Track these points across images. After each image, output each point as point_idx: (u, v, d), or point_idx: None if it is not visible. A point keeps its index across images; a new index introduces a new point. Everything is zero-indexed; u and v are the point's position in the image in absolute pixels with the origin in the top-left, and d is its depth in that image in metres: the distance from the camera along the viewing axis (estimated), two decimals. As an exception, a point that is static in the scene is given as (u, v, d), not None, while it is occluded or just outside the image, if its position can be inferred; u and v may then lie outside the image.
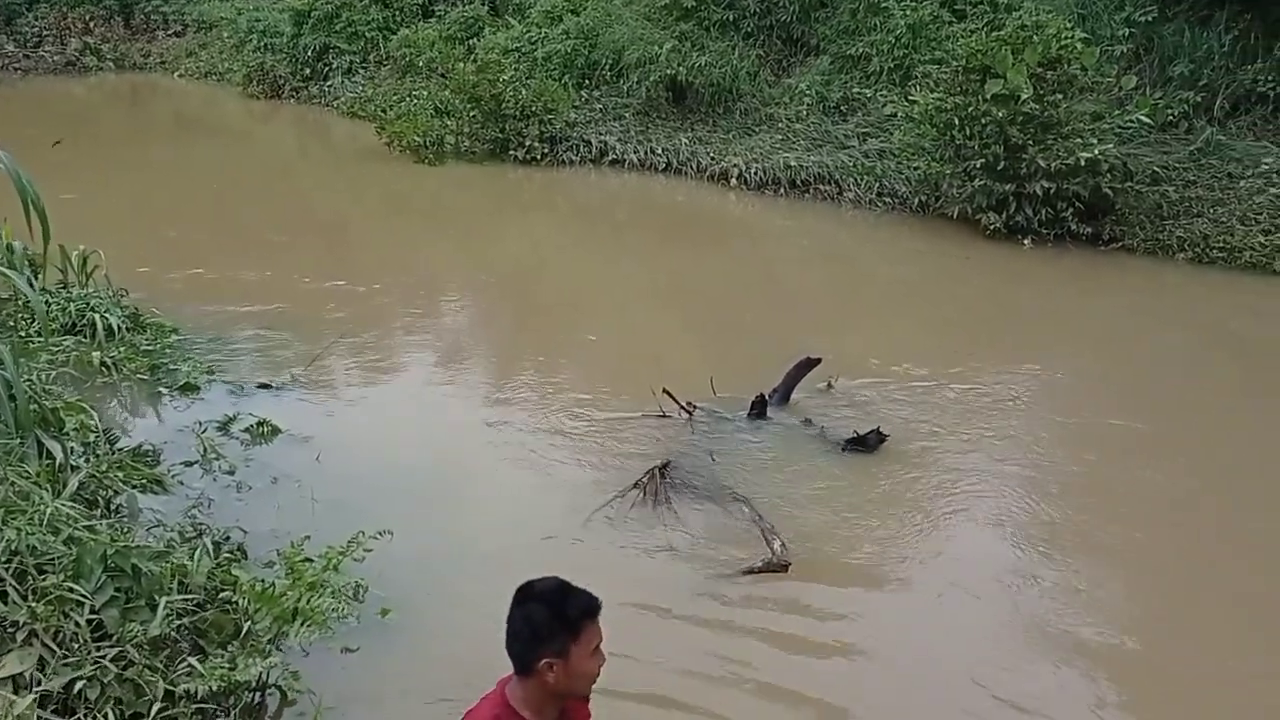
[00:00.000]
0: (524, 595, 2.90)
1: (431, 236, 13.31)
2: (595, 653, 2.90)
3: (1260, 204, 11.87)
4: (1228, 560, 5.95)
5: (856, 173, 14.41)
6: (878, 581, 5.62)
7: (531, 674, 2.83)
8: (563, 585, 2.94)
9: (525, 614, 2.87)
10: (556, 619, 2.84)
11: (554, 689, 2.84)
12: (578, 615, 2.87)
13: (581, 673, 2.86)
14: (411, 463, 6.81)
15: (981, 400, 8.04)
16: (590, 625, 2.88)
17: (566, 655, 2.82)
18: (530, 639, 2.84)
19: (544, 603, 2.87)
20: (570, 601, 2.89)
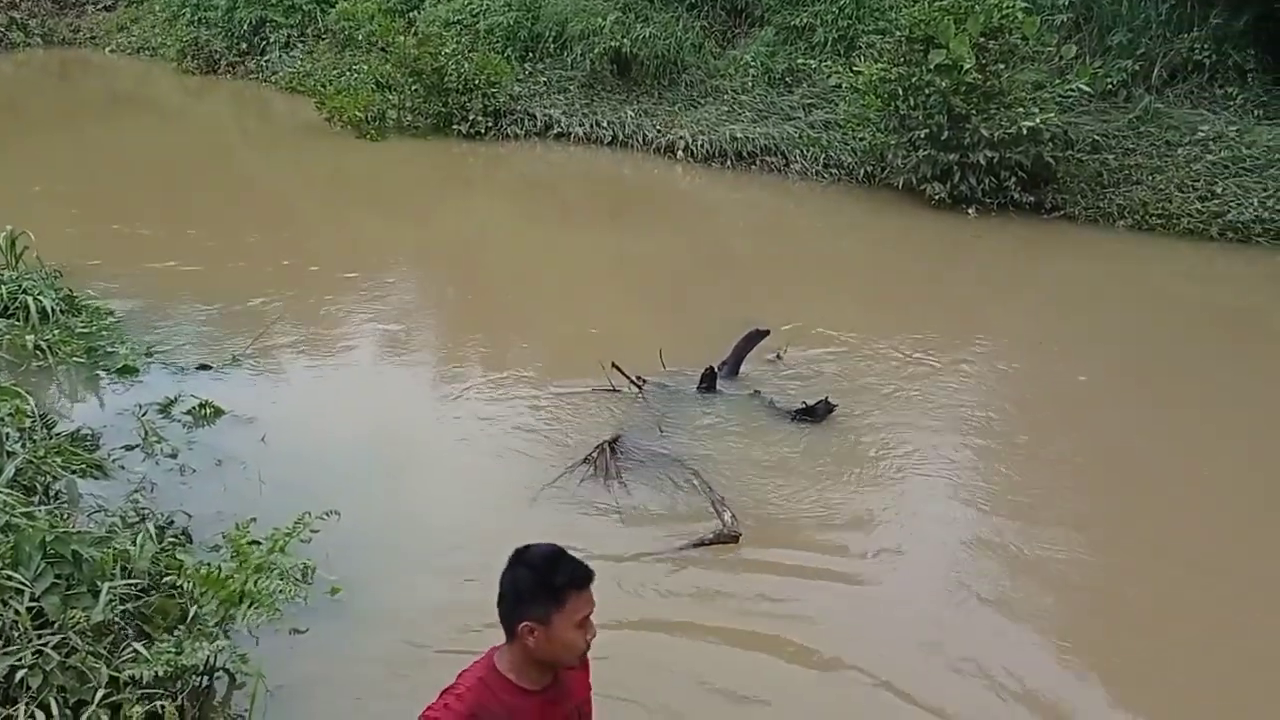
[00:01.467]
0: (516, 559, 2.88)
1: (375, 213, 13.13)
2: (583, 624, 2.85)
3: (1197, 171, 12.07)
4: (1172, 516, 6.08)
5: (803, 144, 14.43)
6: (828, 550, 5.66)
7: (514, 637, 2.82)
8: (555, 552, 2.89)
9: (513, 577, 2.85)
10: (541, 585, 2.81)
11: (535, 655, 2.82)
12: (563, 583, 2.82)
13: (564, 642, 2.83)
14: (359, 441, 6.74)
15: (928, 368, 8.11)
16: (576, 595, 2.83)
17: (548, 623, 2.79)
18: (514, 603, 2.82)
19: (531, 568, 2.84)
20: (559, 569, 2.85)
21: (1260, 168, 11.84)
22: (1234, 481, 6.58)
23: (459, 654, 4.61)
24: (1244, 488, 6.50)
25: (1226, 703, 4.66)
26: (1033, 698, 4.57)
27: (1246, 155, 11.98)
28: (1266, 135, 12.12)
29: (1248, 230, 11.45)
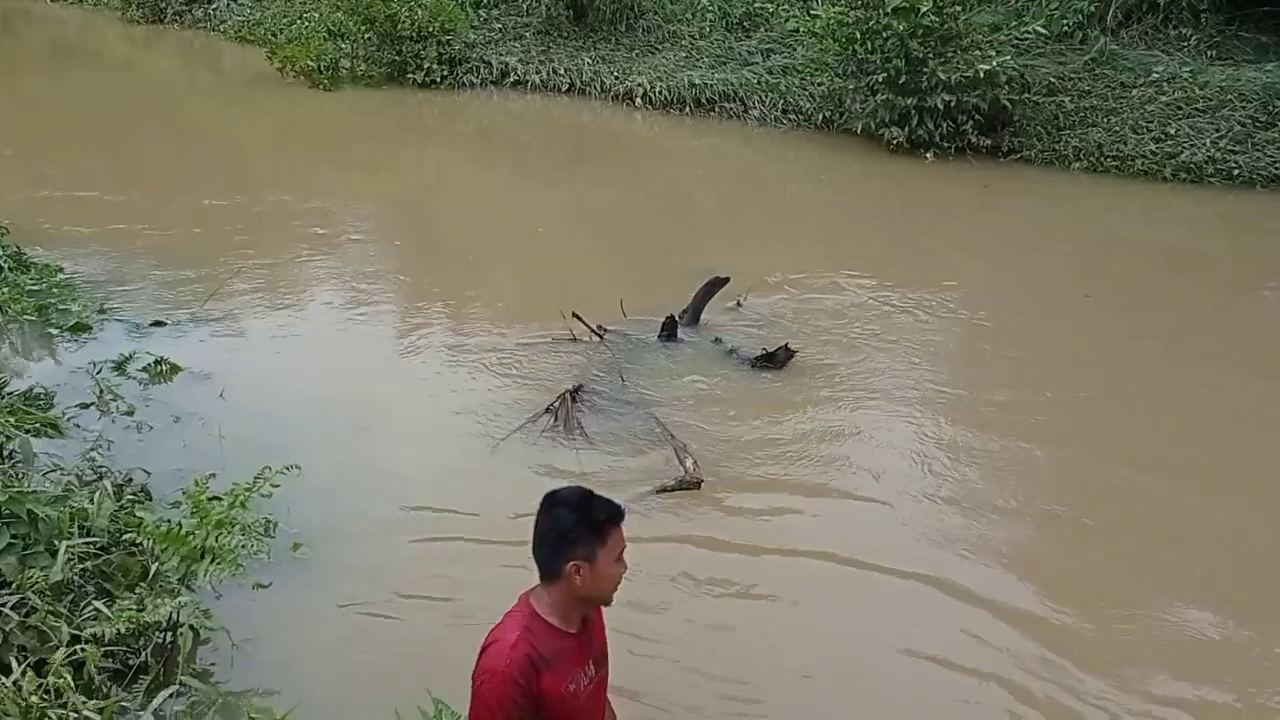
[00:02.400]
0: (550, 502, 2.93)
1: (331, 164, 12.95)
2: (619, 559, 2.93)
3: (1151, 112, 12.16)
4: (1125, 460, 6.17)
5: (761, 90, 14.36)
6: (789, 493, 5.72)
7: (559, 578, 2.86)
8: (587, 492, 2.98)
9: (553, 519, 2.89)
10: (583, 523, 2.87)
11: (580, 593, 2.88)
12: (604, 519, 2.90)
13: (607, 577, 2.90)
14: (319, 395, 6.69)
15: (887, 312, 8.17)
16: (615, 530, 2.91)
17: (594, 559, 2.85)
18: (558, 543, 2.87)
19: (570, 508, 2.90)
20: (596, 506, 2.92)
21: (1213, 108, 11.94)
22: (1181, 404, 6.81)
23: (423, 601, 4.69)
24: (1191, 409, 6.78)
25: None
26: (1005, 619, 4.67)
27: (1199, 96, 12.07)
28: (1219, 76, 12.22)
29: (1200, 171, 11.58)
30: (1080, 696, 4.23)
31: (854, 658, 4.48)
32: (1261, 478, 6.02)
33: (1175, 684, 4.37)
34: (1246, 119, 11.76)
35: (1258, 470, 6.10)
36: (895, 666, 4.42)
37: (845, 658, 4.47)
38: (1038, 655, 4.47)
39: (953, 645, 4.52)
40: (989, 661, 4.42)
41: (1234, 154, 11.56)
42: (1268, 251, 10.42)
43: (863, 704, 4.24)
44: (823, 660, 4.43)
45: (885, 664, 4.43)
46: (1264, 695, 4.31)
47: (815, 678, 4.33)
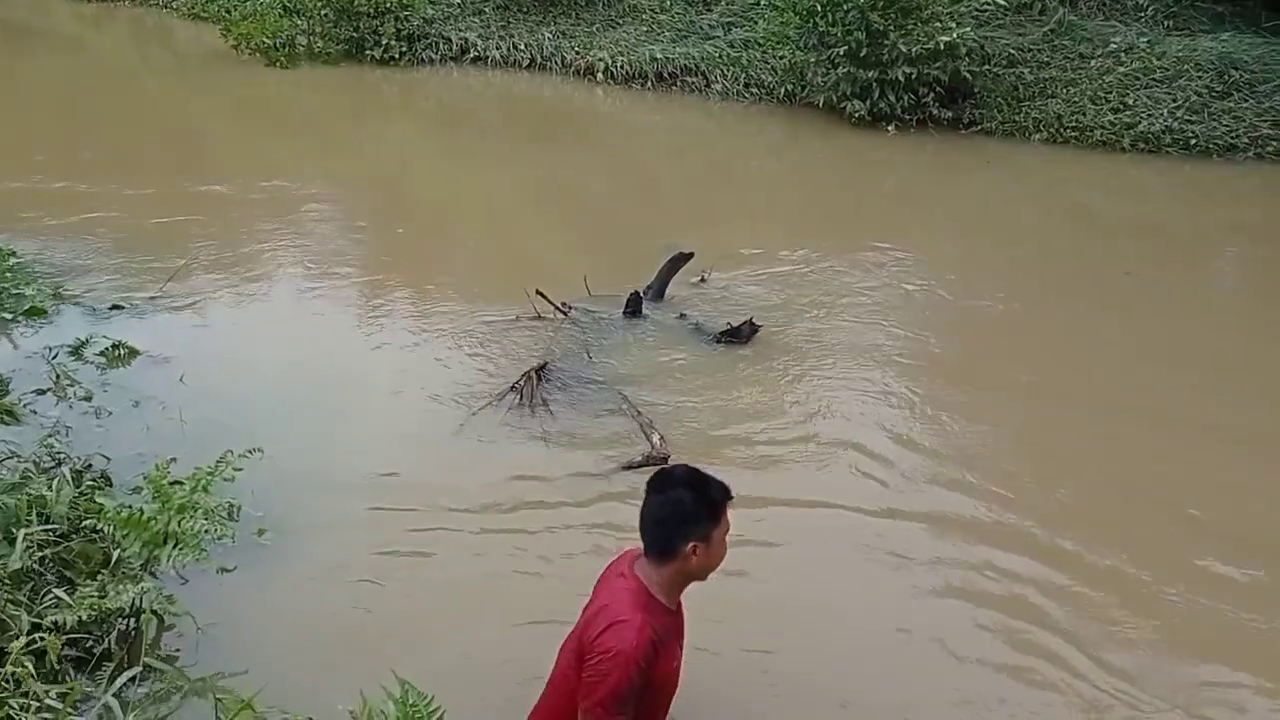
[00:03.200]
0: (664, 482, 2.99)
1: (290, 144, 12.79)
2: (727, 534, 3.00)
3: (1109, 83, 12.25)
4: (1088, 424, 6.25)
5: (723, 64, 14.33)
6: (755, 468, 5.73)
7: (675, 558, 2.92)
8: (699, 472, 3.03)
9: (672, 499, 2.95)
10: (702, 503, 2.93)
11: (693, 571, 2.95)
12: (720, 498, 2.96)
13: (719, 555, 2.97)
14: (282, 377, 6.63)
15: (851, 285, 8.20)
16: (727, 508, 2.99)
17: (709, 539, 2.92)
18: (679, 524, 2.92)
19: (689, 487, 2.95)
20: (710, 484, 2.98)
21: (1170, 79, 12.05)
22: (1139, 382, 6.84)
23: (389, 583, 4.67)
24: (1151, 361, 7.02)
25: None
26: (970, 579, 4.73)
27: (1156, 66, 12.18)
28: (1176, 46, 12.33)
29: (1158, 141, 11.70)
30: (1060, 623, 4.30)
31: (825, 629, 4.50)
32: (1224, 421, 6.23)
33: (1153, 611, 4.50)
34: (1203, 89, 11.88)
35: (1221, 414, 6.31)
36: (879, 637, 4.46)
37: (814, 628, 4.49)
38: (1029, 588, 4.56)
39: (942, 605, 4.58)
40: (987, 615, 4.49)
41: (1191, 124, 11.69)
42: (1223, 220, 10.58)
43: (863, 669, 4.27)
44: (792, 632, 4.45)
45: (864, 636, 4.47)
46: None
47: (780, 652, 4.35)
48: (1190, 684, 4.16)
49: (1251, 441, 6.00)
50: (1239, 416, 6.28)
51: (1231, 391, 6.63)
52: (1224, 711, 4.03)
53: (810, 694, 4.07)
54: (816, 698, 4.05)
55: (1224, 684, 4.19)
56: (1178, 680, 4.18)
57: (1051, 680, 4.17)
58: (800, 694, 4.07)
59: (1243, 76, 11.91)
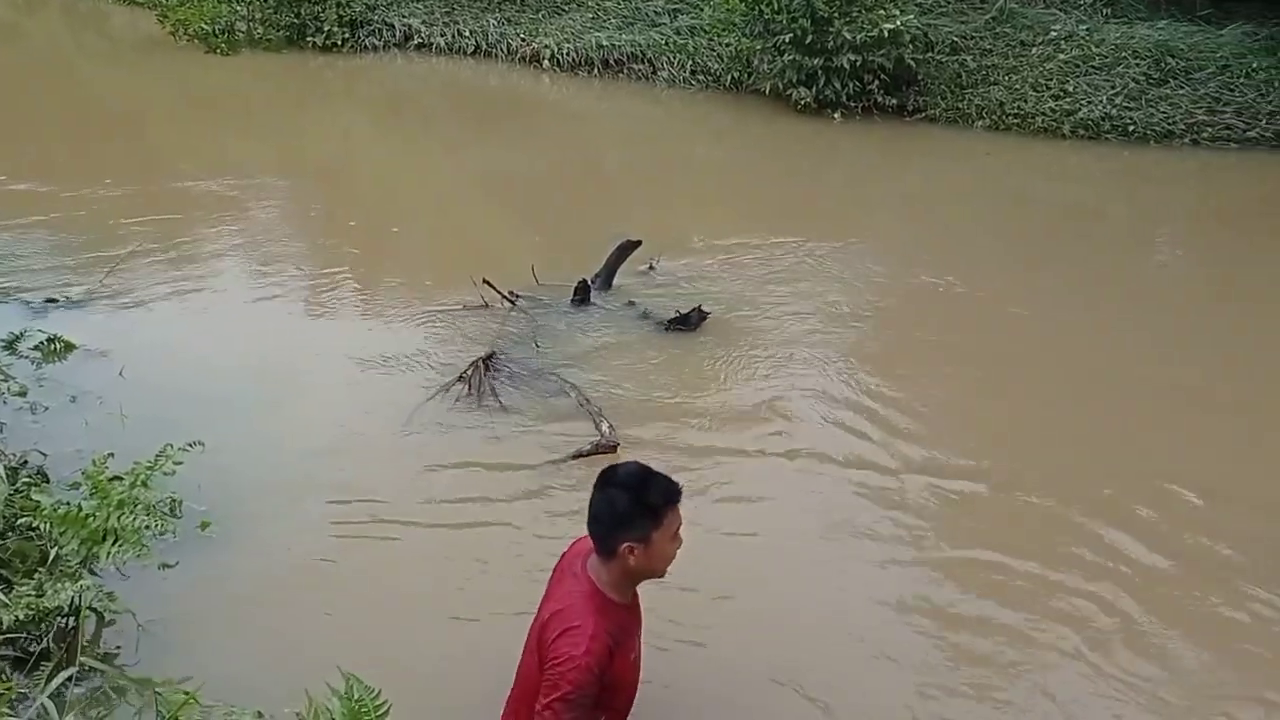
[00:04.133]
0: (605, 480, 2.98)
1: (231, 132, 12.56)
2: (675, 537, 2.98)
3: (1050, 70, 12.41)
4: (1046, 401, 6.36)
5: (669, 51, 14.31)
6: (705, 455, 5.73)
7: (614, 557, 2.91)
8: (645, 471, 3.00)
9: (608, 499, 2.94)
10: (637, 505, 2.90)
11: (634, 571, 2.94)
12: (660, 502, 2.93)
13: (661, 555, 2.96)
14: (224, 369, 6.52)
15: (798, 272, 8.24)
16: (671, 511, 2.95)
17: (648, 541, 2.89)
18: (613, 524, 2.91)
19: (626, 489, 2.93)
20: (651, 487, 2.95)
21: (1108, 65, 12.24)
22: (1082, 351, 7.05)
23: (335, 576, 4.63)
24: (1089, 354, 7.04)
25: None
26: (932, 569, 4.78)
27: (1095, 54, 12.36)
28: (1114, 34, 12.52)
29: (1098, 127, 11.88)
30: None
31: (768, 613, 4.53)
32: (1175, 382, 6.61)
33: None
34: (1140, 75, 12.08)
35: (1170, 376, 6.70)
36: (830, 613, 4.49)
37: (756, 613, 4.52)
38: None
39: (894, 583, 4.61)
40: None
41: (1129, 110, 11.88)
42: (1160, 204, 10.80)
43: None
44: (733, 615, 4.47)
45: (816, 628, 4.50)
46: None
47: (717, 644, 4.37)
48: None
49: (1209, 402, 6.36)
50: (1189, 378, 6.64)
51: (1178, 358, 7.01)
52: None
53: (754, 678, 4.09)
54: (755, 680, 4.07)
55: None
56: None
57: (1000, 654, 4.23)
58: (748, 679, 4.09)
59: (1178, 64, 12.13)
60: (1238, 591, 4.63)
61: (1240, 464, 5.70)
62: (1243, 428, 6.12)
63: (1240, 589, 4.65)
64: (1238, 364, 6.98)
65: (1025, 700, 4.01)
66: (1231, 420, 6.19)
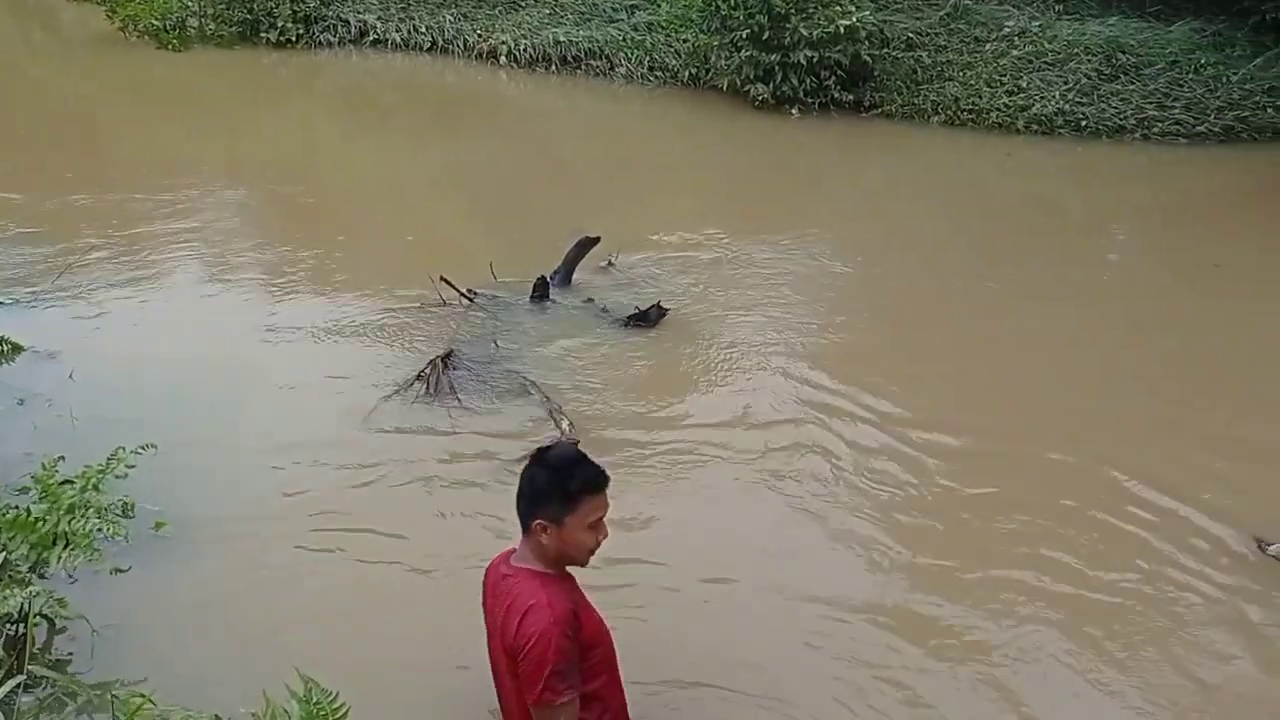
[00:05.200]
0: (535, 459, 3.04)
1: (184, 130, 12.39)
2: (595, 526, 2.99)
3: (1004, 66, 12.54)
4: (1003, 397, 6.45)
5: (627, 47, 14.30)
6: (666, 452, 5.74)
7: (529, 534, 3.00)
8: (574, 456, 3.04)
9: (529, 476, 3.01)
10: (555, 487, 2.95)
11: (547, 551, 2.98)
12: (577, 489, 2.96)
13: (574, 542, 2.97)
14: (179, 371, 6.42)
15: (757, 268, 8.26)
16: (589, 499, 2.97)
17: (561, 523, 2.94)
18: (529, 500, 2.99)
19: (548, 469, 2.97)
20: (574, 473, 2.98)
21: (1061, 61, 12.39)
22: (1039, 341, 7.20)
23: (291, 576, 4.58)
24: (1047, 344, 7.19)
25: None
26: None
27: (1048, 50, 12.51)
28: (1066, 30, 12.67)
29: (1051, 122, 12.04)
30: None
31: (722, 606, 4.54)
32: (1125, 370, 6.83)
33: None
34: (1092, 71, 12.24)
35: (1122, 364, 6.92)
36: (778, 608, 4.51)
37: (710, 602, 4.53)
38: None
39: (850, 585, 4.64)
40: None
41: (1081, 106, 12.04)
42: (1113, 198, 10.94)
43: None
44: (683, 603, 4.48)
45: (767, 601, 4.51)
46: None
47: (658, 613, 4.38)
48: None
49: (1164, 388, 6.61)
50: (1141, 365, 6.90)
51: (1132, 343, 7.21)
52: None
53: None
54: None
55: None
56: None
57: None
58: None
59: (1129, 60, 12.31)
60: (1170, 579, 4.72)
61: (1188, 446, 5.86)
62: (1192, 413, 6.29)
63: (1177, 578, 4.74)
64: (1191, 353, 7.14)
65: (970, 690, 4.06)
66: (1179, 407, 6.35)
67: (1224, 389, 6.61)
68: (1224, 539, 4.98)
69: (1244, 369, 6.89)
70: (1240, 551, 4.90)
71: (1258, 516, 5.12)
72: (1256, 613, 4.51)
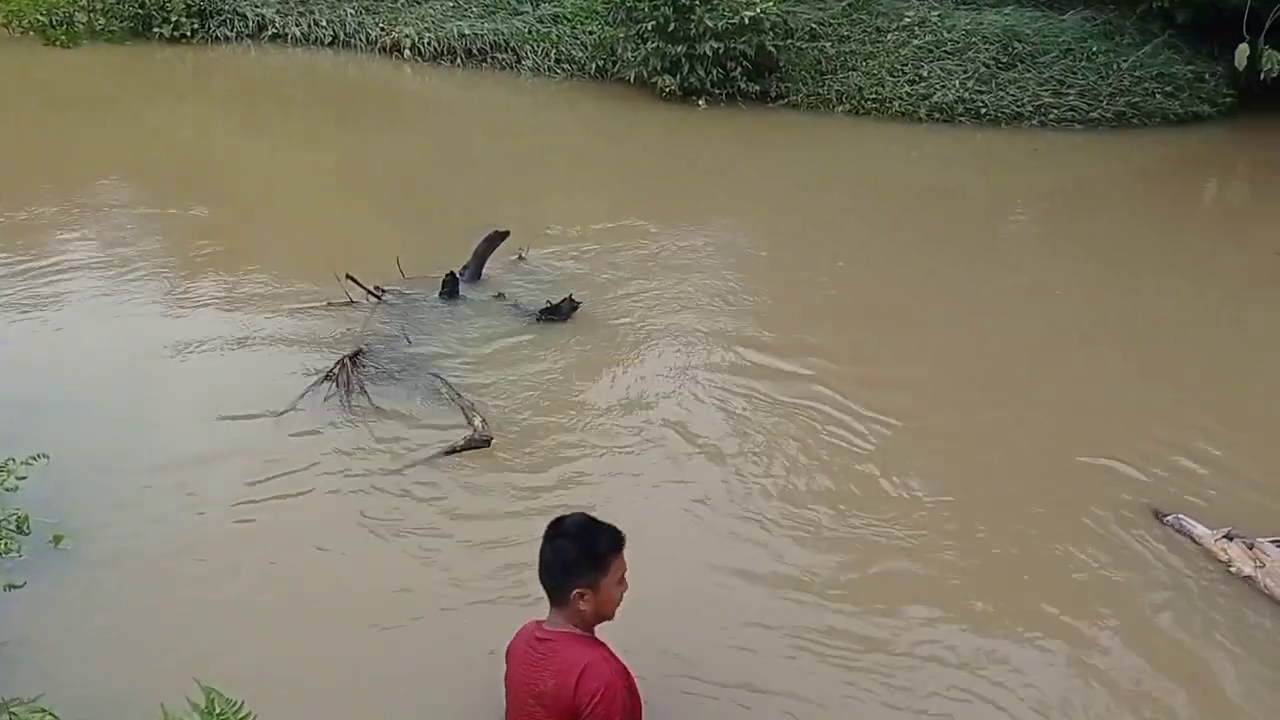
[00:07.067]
0: (554, 532, 3.18)
1: (76, 130, 11.95)
2: (620, 581, 3.20)
3: (905, 56, 12.77)
4: (916, 387, 6.50)
5: (532, 39, 14.22)
6: (581, 446, 5.71)
7: (567, 604, 3.12)
8: (590, 521, 3.24)
9: (555, 550, 3.15)
10: (585, 554, 3.13)
11: (585, 616, 3.14)
12: (606, 550, 3.16)
13: (610, 600, 3.17)
14: (74, 379, 6.18)
15: (667, 258, 8.29)
16: (616, 558, 3.18)
17: (596, 587, 3.12)
18: (563, 573, 3.12)
19: (574, 539, 3.15)
20: (599, 537, 3.18)
21: (960, 50, 12.67)
22: (943, 319, 7.42)
23: (196, 587, 4.45)
24: (949, 321, 7.43)
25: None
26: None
27: (947, 39, 12.77)
28: (964, 19, 12.96)
29: (951, 111, 12.29)
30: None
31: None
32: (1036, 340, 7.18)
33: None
34: (990, 60, 12.54)
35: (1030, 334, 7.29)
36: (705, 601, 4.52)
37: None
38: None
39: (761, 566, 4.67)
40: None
41: (980, 94, 12.32)
42: (1012, 183, 11.25)
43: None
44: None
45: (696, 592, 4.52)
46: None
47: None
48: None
49: (1069, 359, 6.85)
50: (1048, 333, 7.27)
51: (1039, 314, 7.57)
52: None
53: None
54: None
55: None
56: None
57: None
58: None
59: (1025, 48, 12.64)
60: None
61: (1089, 416, 6.06)
62: (1093, 385, 6.50)
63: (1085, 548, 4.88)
64: (1090, 326, 7.42)
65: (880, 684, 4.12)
66: (1083, 382, 6.54)
67: (1125, 359, 6.88)
68: (1122, 511, 5.15)
69: (1142, 341, 7.19)
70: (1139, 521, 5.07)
71: (1156, 487, 5.32)
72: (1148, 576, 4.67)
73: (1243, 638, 4.33)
